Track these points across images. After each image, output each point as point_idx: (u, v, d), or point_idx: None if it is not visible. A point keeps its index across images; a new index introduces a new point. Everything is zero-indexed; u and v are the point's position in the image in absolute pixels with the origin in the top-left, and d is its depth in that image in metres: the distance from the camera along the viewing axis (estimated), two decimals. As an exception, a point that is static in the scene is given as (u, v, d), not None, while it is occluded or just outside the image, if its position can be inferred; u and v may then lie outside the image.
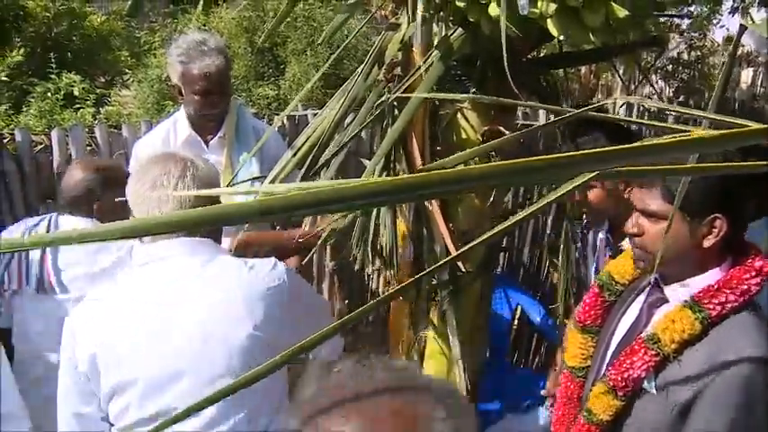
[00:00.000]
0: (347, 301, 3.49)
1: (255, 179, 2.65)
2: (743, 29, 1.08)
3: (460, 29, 1.96)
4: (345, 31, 5.23)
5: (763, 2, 4.17)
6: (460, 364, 2.17)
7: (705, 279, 1.55)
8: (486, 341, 2.61)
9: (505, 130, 2.11)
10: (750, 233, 1.61)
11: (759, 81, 8.36)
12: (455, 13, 1.90)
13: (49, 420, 1.75)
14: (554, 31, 1.58)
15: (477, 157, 2.13)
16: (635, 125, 2.58)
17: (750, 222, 1.59)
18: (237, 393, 1.55)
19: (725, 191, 1.50)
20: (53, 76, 5.98)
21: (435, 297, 2.26)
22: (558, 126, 2.24)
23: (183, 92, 2.69)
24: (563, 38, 1.67)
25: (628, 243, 2.28)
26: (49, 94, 5.70)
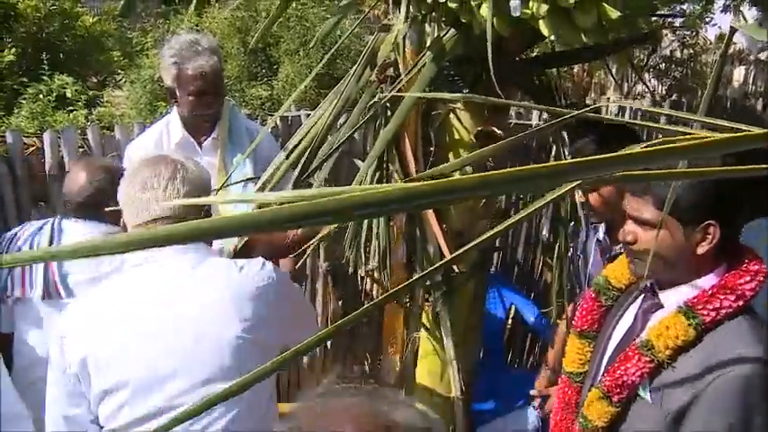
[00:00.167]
0: (341, 302, 3.49)
1: (249, 180, 2.65)
2: (733, 31, 1.08)
3: (453, 29, 1.96)
4: (339, 32, 5.23)
5: (753, 0, 4.18)
6: (454, 364, 2.17)
7: (700, 284, 1.54)
8: (480, 341, 2.61)
9: (498, 130, 2.11)
10: (747, 235, 1.60)
11: (751, 79, 8.39)
12: (447, 14, 1.90)
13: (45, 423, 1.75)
14: (546, 32, 1.58)
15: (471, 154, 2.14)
16: (631, 125, 2.56)
17: (745, 224, 1.59)
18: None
19: (718, 197, 1.49)
20: (45, 78, 5.96)
21: (429, 298, 2.26)
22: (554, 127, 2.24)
23: (178, 93, 2.69)
24: (555, 38, 1.67)
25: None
26: (41, 96, 5.67)
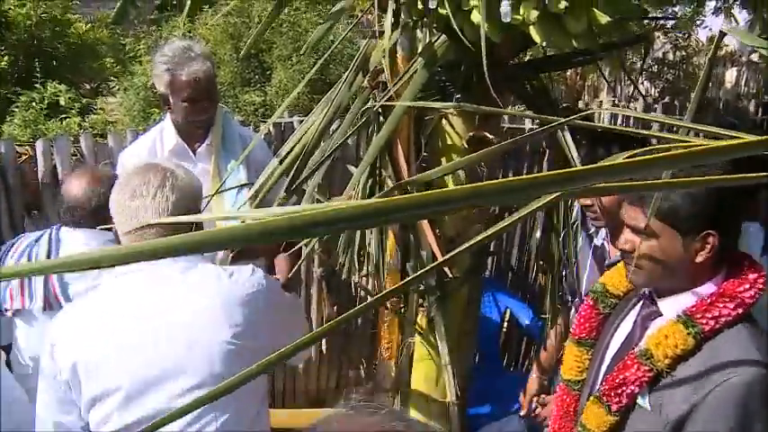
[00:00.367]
0: (336, 307, 3.48)
1: (243, 186, 2.65)
2: (722, 35, 1.09)
3: (444, 35, 1.96)
4: (332, 37, 5.23)
5: (744, 3, 4.19)
6: (449, 369, 2.17)
7: (698, 293, 1.54)
8: (475, 345, 2.61)
9: (491, 135, 2.11)
10: (748, 240, 1.60)
11: (743, 81, 8.42)
12: (438, 20, 1.91)
13: None
14: (537, 38, 1.58)
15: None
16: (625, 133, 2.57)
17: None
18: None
19: (718, 206, 1.49)
20: (38, 86, 5.94)
21: (423, 303, 2.26)
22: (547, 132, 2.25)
23: (171, 100, 2.68)
24: (546, 44, 1.68)
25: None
26: (33, 104, 5.65)
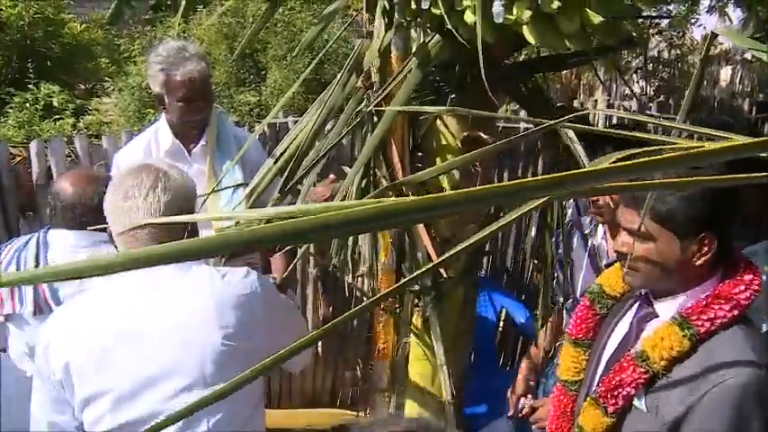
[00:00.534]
0: (332, 308, 3.48)
1: (238, 186, 2.65)
2: (714, 35, 1.09)
3: (438, 35, 1.96)
4: (326, 36, 5.22)
5: (738, 1, 4.20)
6: (445, 369, 2.18)
7: (695, 294, 1.54)
8: (471, 345, 2.61)
9: (485, 135, 2.12)
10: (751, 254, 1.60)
11: (738, 79, 8.42)
12: (432, 20, 1.91)
13: None
14: (530, 38, 1.58)
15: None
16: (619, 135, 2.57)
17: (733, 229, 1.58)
18: (219, 386, 1.57)
19: (714, 208, 1.49)
20: (31, 87, 5.92)
21: (418, 303, 2.26)
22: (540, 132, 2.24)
23: (166, 100, 2.68)
24: (539, 44, 1.68)
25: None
26: (27, 105, 5.63)
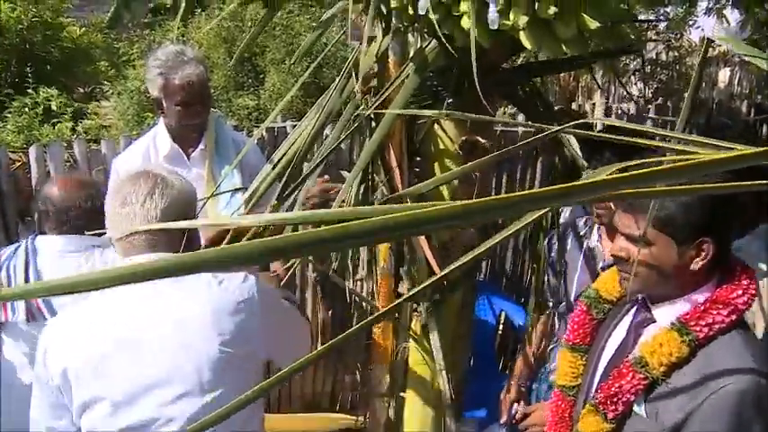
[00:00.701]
0: (330, 312, 3.48)
1: (237, 191, 2.65)
2: (709, 41, 1.09)
3: (435, 40, 1.96)
4: (324, 39, 5.22)
5: (735, 3, 4.21)
6: (444, 373, 2.18)
7: (692, 299, 1.55)
8: (470, 349, 2.61)
9: (483, 140, 2.12)
10: (746, 249, 1.60)
11: (736, 80, 8.42)
12: (429, 25, 1.91)
13: None
14: (527, 44, 1.59)
15: (456, 164, 2.15)
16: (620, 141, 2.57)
17: (735, 239, 1.59)
18: (215, 399, 1.57)
19: (712, 214, 1.50)
20: (30, 91, 5.92)
21: (417, 308, 2.26)
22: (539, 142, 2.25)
23: (164, 104, 2.69)
24: (536, 49, 1.68)
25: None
26: (26, 109, 5.63)
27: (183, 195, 1.72)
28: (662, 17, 6.78)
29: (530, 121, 2.11)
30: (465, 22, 1.66)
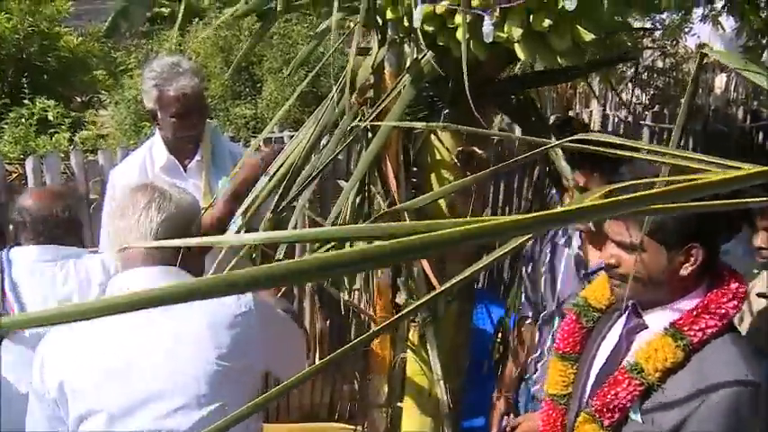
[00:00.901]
0: (328, 321, 3.48)
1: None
2: (703, 56, 1.09)
3: (431, 51, 1.97)
4: (322, 48, 5.22)
5: (730, 9, 4.24)
6: (442, 383, 2.17)
7: (684, 305, 1.56)
8: (468, 358, 2.61)
9: (480, 150, 2.12)
10: (733, 252, 1.62)
11: (732, 86, 8.44)
12: (425, 37, 1.91)
13: None
14: (522, 56, 1.59)
15: (453, 175, 2.15)
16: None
17: (723, 243, 1.61)
18: (212, 412, 1.57)
19: (700, 220, 1.51)
20: (27, 101, 5.92)
21: (414, 318, 2.26)
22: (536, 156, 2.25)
23: (159, 116, 2.69)
24: (531, 61, 1.69)
25: (598, 260, 2.29)
26: (23, 120, 5.63)
27: (182, 210, 1.72)
28: (657, 24, 6.80)
29: (524, 132, 2.11)
30: (460, 35, 1.66)
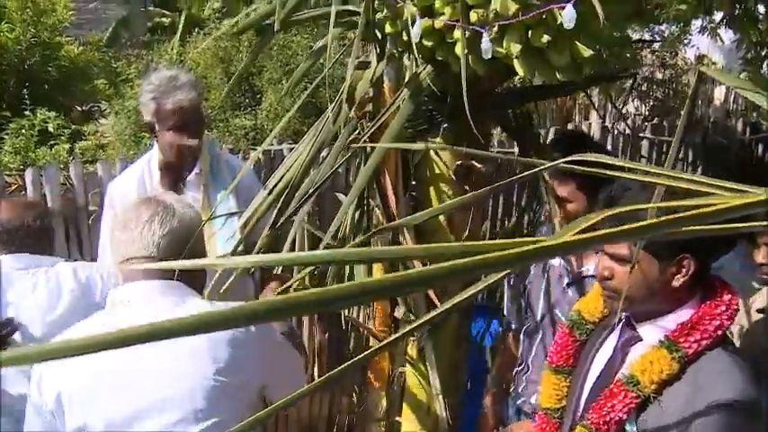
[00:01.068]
0: (327, 334, 3.46)
1: (233, 215, 2.65)
2: (700, 74, 1.09)
3: (430, 66, 1.97)
4: (322, 60, 5.23)
5: (729, 22, 4.25)
6: (440, 398, 2.17)
7: (678, 316, 1.56)
8: (466, 372, 2.60)
9: (478, 164, 2.12)
10: (729, 267, 1.61)
11: (732, 98, 8.44)
12: (424, 51, 1.92)
13: None
14: (520, 71, 1.59)
15: (452, 189, 2.15)
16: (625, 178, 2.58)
17: (720, 257, 1.61)
18: (208, 428, 1.56)
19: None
20: (27, 112, 5.93)
21: (413, 332, 2.25)
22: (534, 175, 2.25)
23: (157, 128, 2.69)
24: (530, 77, 1.69)
25: (586, 268, 2.29)
26: (23, 131, 5.63)
27: (185, 224, 1.72)
28: (656, 36, 6.82)
29: (520, 148, 2.11)
30: (459, 49, 1.66)
